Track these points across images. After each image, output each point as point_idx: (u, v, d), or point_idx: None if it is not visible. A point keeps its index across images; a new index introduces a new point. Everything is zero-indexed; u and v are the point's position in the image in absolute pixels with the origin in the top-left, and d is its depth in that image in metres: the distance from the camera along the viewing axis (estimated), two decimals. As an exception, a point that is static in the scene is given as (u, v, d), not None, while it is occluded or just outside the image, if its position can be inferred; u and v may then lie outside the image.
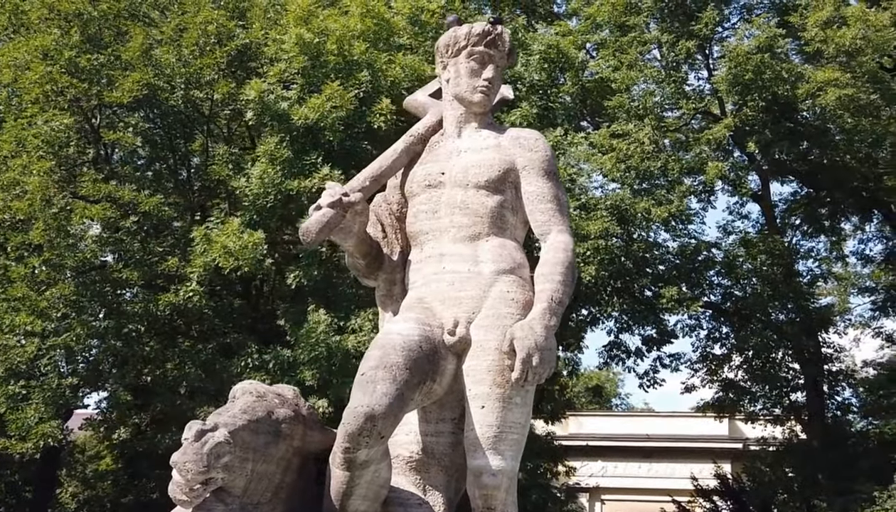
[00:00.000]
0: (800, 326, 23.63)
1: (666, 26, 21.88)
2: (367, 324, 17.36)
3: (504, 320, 6.27)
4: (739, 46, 20.44)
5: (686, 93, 22.44)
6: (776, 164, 23.57)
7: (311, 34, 18.08)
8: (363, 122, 17.95)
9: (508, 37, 7.08)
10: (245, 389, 6.24)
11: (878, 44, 19.86)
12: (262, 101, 17.90)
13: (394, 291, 6.93)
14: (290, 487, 6.18)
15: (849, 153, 22.48)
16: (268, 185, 17.71)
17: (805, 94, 20.23)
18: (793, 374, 25.69)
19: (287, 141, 17.92)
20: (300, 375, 17.24)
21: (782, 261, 23.69)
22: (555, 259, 6.43)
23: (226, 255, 17.24)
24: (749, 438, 33.55)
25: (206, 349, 19.45)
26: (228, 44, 19.17)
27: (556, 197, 6.71)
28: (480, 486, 6.10)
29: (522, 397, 6.24)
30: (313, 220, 6.30)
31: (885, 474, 21.19)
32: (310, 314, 17.70)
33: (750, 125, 21.27)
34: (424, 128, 7.14)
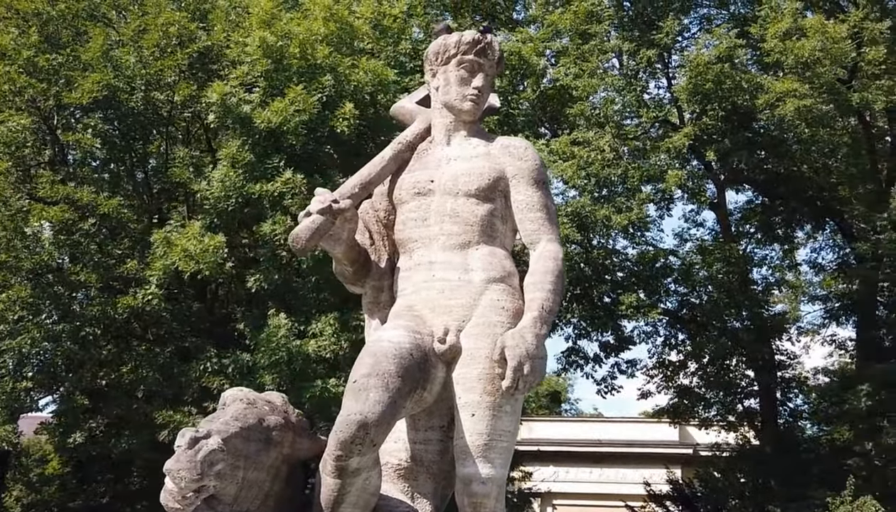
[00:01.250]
0: (754, 334, 23.88)
1: (627, 35, 22.02)
2: (327, 328, 17.35)
3: (494, 329, 6.28)
4: (700, 56, 20.64)
5: (645, 102, 22.59)
6: (733, 172, 23.81)
7: (274, 37, 18.02)
8: (326, 127, 17.92)
9: (498, 46, 7.11)
10: (235, 397, 6.21)
11: (836, 56, 20.14)
12: (224, 104, 17.80)
13: (381, 299, 6.91)
14: (279, 494, 6.16)
15: (805, 163, 22.78)
16: (229, 189, 17.63)
17: (764, 104, 20.45)
18: (747, 380, 25.95)
19: (249, 144, 17.84)
20: (260, 379, 17.15)
21: (737, 269, 23.94)
22: (545, 268, 6.46)
23: (186, 258, 17.15)
24: (699, 443, 33.85)
25: (163, 353, 19.34)
26: (190, 46, 19.05)
27: (546, 206, 6.73)
28: (470, 494, 6.10)
29: (512, 406, 6.26)
30: (303, 227, 6.29)
31: (837, 480, 21.42)
32: (270, 318, 17.65)
33: (709, 134, 21.46)
34: (412, 135, 7.13)
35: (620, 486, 35.21)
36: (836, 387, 23.47)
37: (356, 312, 17.50)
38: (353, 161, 18.50)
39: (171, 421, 17.56)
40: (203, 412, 17.81)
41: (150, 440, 18.63)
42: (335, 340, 17.27)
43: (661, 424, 31.89)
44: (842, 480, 21.22)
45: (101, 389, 19.94)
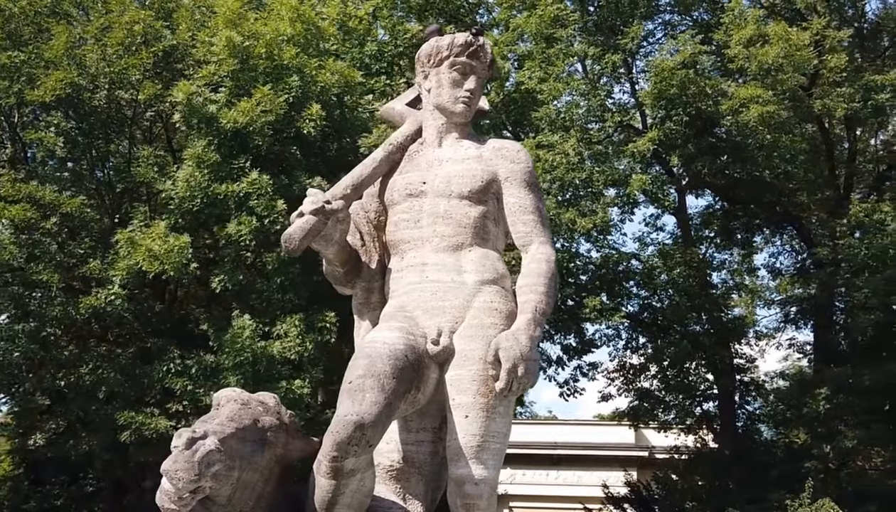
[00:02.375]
0: (715, 337, 24.10)
1: (592, 40, 22.13)
2: (292, 330, 17.31)
3: (488, 331, 6.31)
4: (664, 62, 20.79)
5: (609, 106, 22.70)
6: (695, 177, 24.01)
7: (240, 37, 17.95)
8: (292, 128, 17.89)
9: (490, 48, 7.14)
10: (229, 397, 6.18)
11: (799, 63, 20.36)
12: (190, 103, 17.70)
13: (371, 300, 6.92)
14: (271, 495, 6.13)
15: (767, 169, 23.00)
16: (194, 189, 17.54)
17: (728, 109, 20.63)
18: (706, 384, 26.16)
19: (215, 145, 17.75)
20: (224, 380, 17.08)
21: (698, 273, 24.16)
22: (538, 270, 6.50)
23: (150, 258, 17.03)
24: (655, 445, 34.07)
25: (125, 354, 19.19)
26: (155, 45, 18.90)
27: (538, 209, 6.78)
28: (463, 495, 6.12)
29: (505, 407, 6.30)
30: (296, 227, 6.27)
31: (794, 483, 21.64)
32: (234, 319, 17.58)
33: (673, 139, 21.62)
34: (403, 137, 7.13)
35: (578, 488, 35.30)
36: (794, 390, 23.71)
37: (321, 314, 17.53)
38: (319, 162, 18.59)
39: (132, 422, 17.43)
40: (166, 413, 17.74)
41: (110, 441, 18.48)
42: (300, 342, 17.24)
43: (617, 426, 32.03)
44: (799, 483, 21.43)
45: (60, 390, 19.72)
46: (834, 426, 22.71)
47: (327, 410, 21.21)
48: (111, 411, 18.15)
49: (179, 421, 17.61)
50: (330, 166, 18.43)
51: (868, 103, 21.24)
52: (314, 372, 17.54)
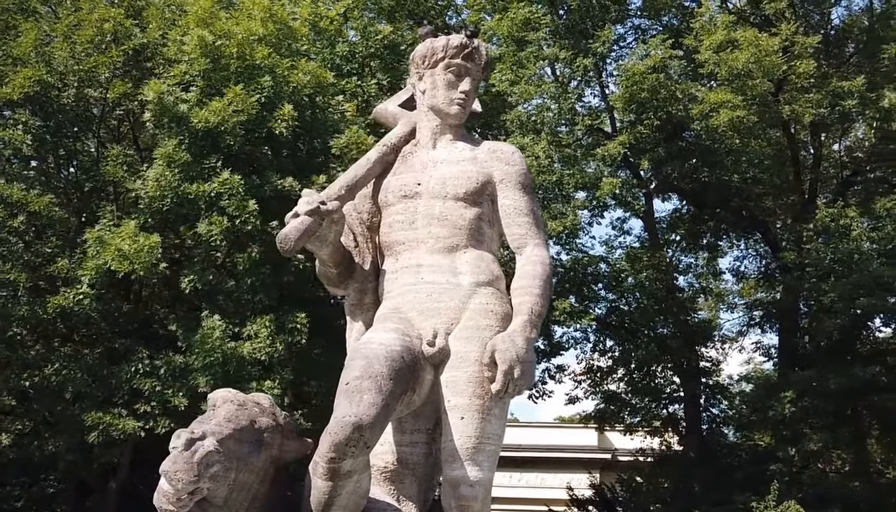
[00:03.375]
0: (682, 340, 24.26)
1: (564, 43, 22.21)
2: (263, 330, 17.23)
3: (483, 332, 6.34)
4: (635, 66, 20.90)
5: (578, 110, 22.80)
6: (663, 181, 24.16)
7: (212, 36, 17.86)
8: (264, 128, 17.81)
9: (485, 50, 7.15)
10: (225, 398, 6.15)
11: (768, 68, 20.55)
12: (161, 102, 17.58)
13: (365, 301, 6.90)
14: (265, 496, 6.12)
15: (736, 173, 23.21)
16: (164, 189, 17.42)
17: (698, 114, 20.78)
18: (672, 387, 26.33)
19: (186, 144, 17.64)
20: (193, 381, 17.02)
21: (665, 276, 24.32)
22: (533, 272, 6.53)
23: (120, 258, 16.89)
24: (618, 448, 34.25)
25: (92, 354, 19.03)
26: (126, 43, 18.76)
27: (533, 211, 6.81)
28: (458, 496, 6.14)
29: (500, 409, 6.32)
30: (292, 228, 6.25)
31: (759, 485, 21.85)
32: (204, 320, 17.49)
33: (643, 143, 21.76)
34: (397, 138, 7.14)
35: (542, 490, 35.41)
36: (760, 394, 23.91)
37: (292, 315, 17.46)
38: (290, 162, 18.52)
39: (100, 423, 17.29)
40: (134, 414, 17.60)
41: (77, 443, 18.33)
42: (270, 343, 17.16)
43: (580, 428, 32.14)
44: (764, 485, 21.66)
45: (25, 390, 19.50)
46: (799, 429, 22.93)
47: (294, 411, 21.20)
48: (78, 412, 17.99)
49: (147, 422, 17.50)
50: (300, 167, 18.37)
51: (835, 109, 21.48)
52: (284, 373, 17.46)
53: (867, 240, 21.29)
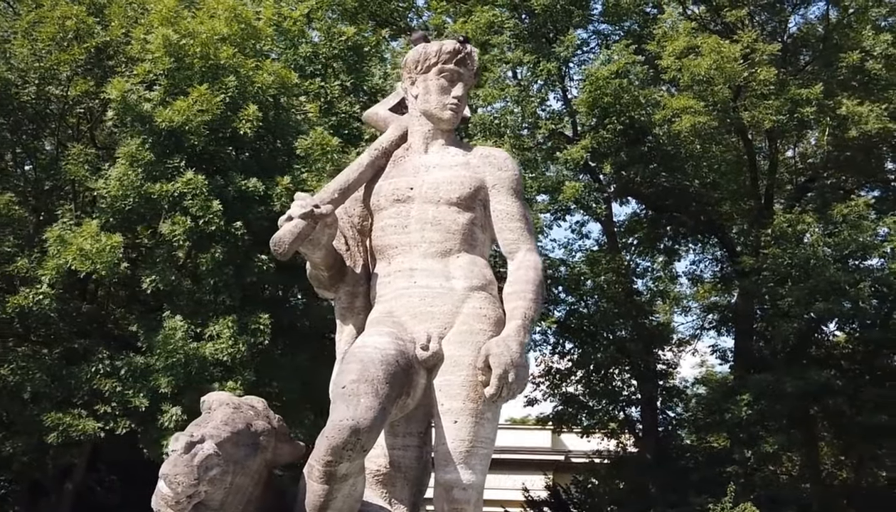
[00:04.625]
0: (641, 344, 24.45)
1: (527, 48, 22.30)
2: (225, 331, 17.16)
3: (477, 337, 6.38)
4: (599, 71, 21.03)
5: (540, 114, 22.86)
6: (624, 185, 24.32)
7: (177, 35, 17.76)
8: (229, 128, 17.74)
9: (476, 56, 7.19)
10: (221, 400, 6.13)
11: (730, 75, 20.77)
12: (124, 100, 17.45)
13: (356, 304, 6.91)
14: (259, 499, 6.11)
15: (696, 178, 23.45)
16: (127, 188, 17.29)
17: (661, 119, 20.95)
18: (629, 389, 26.52)
19: (149, 143, 17.51)
20: (155, 382, 16.92)
21: (624, 280, 24.51)
22: (526, 277, 6.58)
23: (82, 257, 16.75)
24: (571, 450, 34.42)
25: (51, 354, 18.86)
26: (88, 41, 18.59)
27: (525, 216, 6.86)
28: (451, 500, 6.18)
29: (493, 413, 6.38)
30: (286, 231, 6.25)
31: (715, 487, 22.09)
32: (166, 320, 17.38)
33: (605, 147, 21.90)
34: (388, 142, 7.15)
35: (497, 491, 35.40)
36: (717, 397, 24.15)
37: (255, 315, 17.40)
38: (254, 163, 18.46)
39: (60, 423, 17.15)
40: (94, 415, 17.47)
41: (35, 443, 18.16)
42: (233, 343, 17.09)
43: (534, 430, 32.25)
44: (719, 487, 21.90)
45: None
46: (755, 432, 23.18)
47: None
48: (36, 413, 17.81)
49: (108, 423, 17.39)
50: (264, 167, 18.31)
51: (793, 116, 21.75)
52: (246, 374, 17.39)
53: (823, 245, 21.54)
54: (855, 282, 21.55)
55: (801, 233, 22.28)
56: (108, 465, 23.60)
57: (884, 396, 22.63)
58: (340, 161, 17.94)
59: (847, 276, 21.52)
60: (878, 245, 21.92)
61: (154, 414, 17.12)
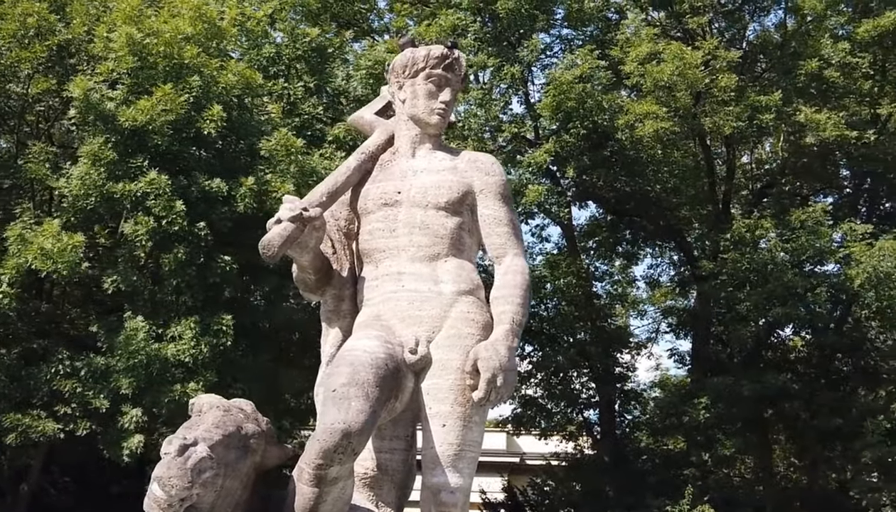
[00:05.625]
0: (601, 347, 24.60)
1: (491, 51, 22.37)
2: (187, 332, 17.06)
3: (465, 341, 6.42)
4: (563, 75, 21.14)
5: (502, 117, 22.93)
6: (585, 189, 24.46)
7: (140, 34, 17.64)
8: (192, 128, 17.65)
9: (464, 61, 7.23)
10: (211, 403, 6.14)
11: (692, 81, 20.97)
12: (87, 99, 17.30)
13: (342, 308, 6.92)
14: (247, 502, 6.13)
15: (658, 183, 23.65)
16: (89, 187, 17.15)
17: (624, 124, 21.09)
18: (588, 392, 26.66)
19: (112, 142, 17.37)
20: (115, 383, 16.78)
21: (585, 283, 24.65)
22: (513, 282, 6.63)
23: (43, 257, 16.59)
24: (526, 452, 34.54)
25: (9, 354, 18.64)
26: (50, 38, 18.40)
27: (512, 221, 6.91)
28: (439, 503, 6.22)
29: (480, 417, 6.43)
30: (275, 234, 6.26)
31: (671, 489, 22.30)
32: (126, 321, 17.26)
33: (568, 152, 22.01)
34: (375, 146, 7.18)
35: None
36: (675, 400, 24.35)
37: (217, 316, 17.32)
38: (217, 163, 18.37)
39: (19, 424, 16.98)
40: (54, 416, 17.30)
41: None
42: (195, 344, 17.00)
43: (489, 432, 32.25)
44: (676, 490, 22.11)
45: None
46: (712, 434, 23.41)
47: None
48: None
49: (67, 424, 17.23)
50: (228, 167, 18.23)
51: (753, 123, 21.99)
52: (208, 375, 17.29)
53: (781, 250, 21.79)
54: (812, 287, 21.82)
55: (760, 238, 22.51)
56: (61, 466, 23.40)
57: (838, 400, 22.95)
58: (304, 162, 17.93)
59: (804, 281, 21.78)
60: (834, 251, 22.17)
61: (114, 415, 16.99)
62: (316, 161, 18.24)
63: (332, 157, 18.69)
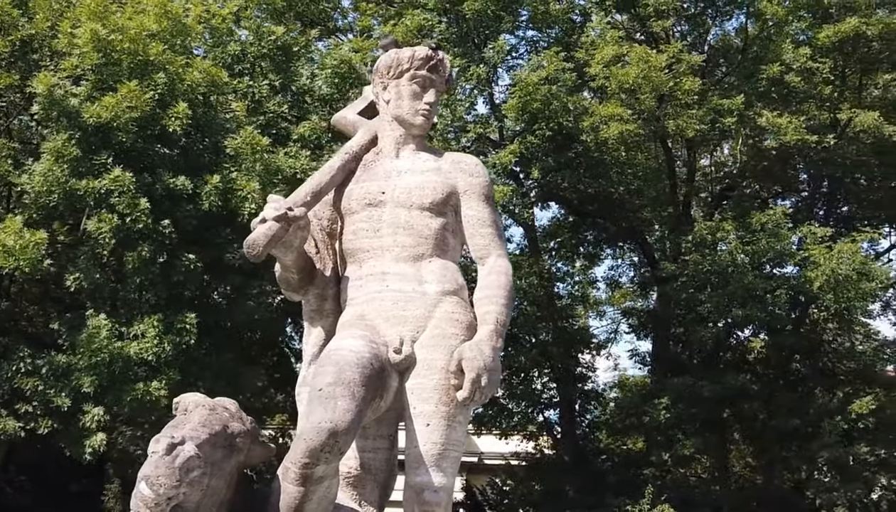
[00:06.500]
0: (563, 347, 24.69)
1: (457, 52, 22.39)
2: (150, 330, 16.95)
3: (450, 341, 6.45)
4: (529, 76, 21.21)
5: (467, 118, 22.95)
6: (548, 190, 24.52)
7: (105, 30, 17.51)
8: (157, 125, 17.54)
9: (448, 63, 7.27)
10: (196, 402, 6.13)
11: (657, 84, 21.12)
12: (51, 95, 17.15)
13: (325, 307, 6.93)
14: (230, 501, 6.12)
15: (622, 185, 23.80)
16: (52, 184, 17.01)
17: (589, 126, 21.19)
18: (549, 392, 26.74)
19: (76, 139, 17.23)
20: (77, 381, 16.65)
21: (547, 284, 24.72)
22: (497, 282, 6.69)
23: (5, 254, 16.44)
24: (485, 451, 34.58)
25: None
26: (13, 33, 18.23)
27: (495, 222, 6.97)
28: (422, 502, 6.24)
29: (464, 416, 6.48)
30: (260, 233, 6.26)
31: (631, 488, 22.44)
32: (89, 319, 17.12)
33: (533, 153, 22.09)
34: (358, 146, 7.20)
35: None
36: (636, 400, 24.49)
37: (181, 315, 17.22)
38: (182, 161, 18.27)
39: (-21, 422, 16.83)
40: (14, 414, 17.15)
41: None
42: (158, 342, 16.90)
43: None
44: (636, 489, 22.26)
45: None
46: (672, 434, 23.57)
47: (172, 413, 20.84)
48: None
49: (28, 422, 17.08)
50: (192, 165, 18.13)
51: (715, 126, 22.18)
52: (172, 374, 17.19)
53: (742, 253, 21.98)
54: (772, 289, 22.04)
55: (721, 240, 22.72)
56: (18, 465, 23.21)
57: (796, 401, 23.19)
58: (269, 161, 17.88)
59: (764, 283, 21.99)
60: (793, 253, 22.41)
61: (76, 414, 16.86)
62: (281, 160, 18.18)
63: (296, 156, 18.63)
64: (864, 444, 22.02)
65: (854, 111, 22.68)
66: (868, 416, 21.79)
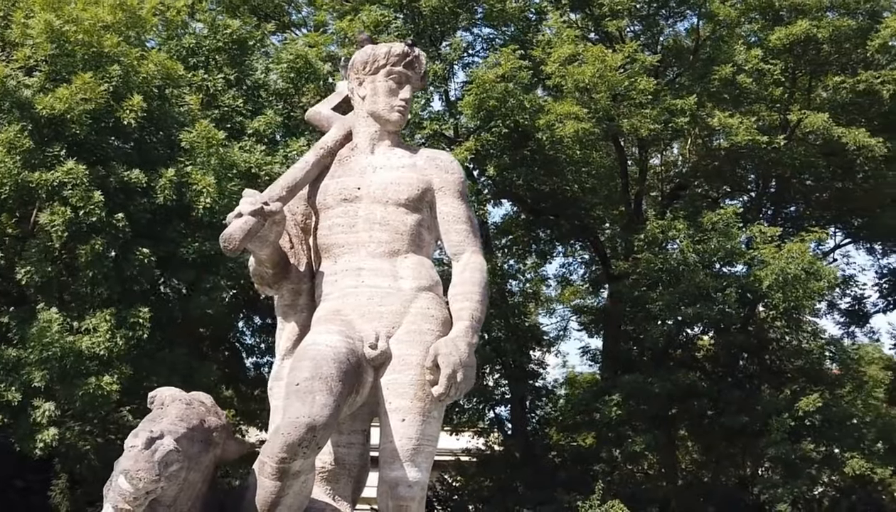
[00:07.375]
0: (515, 344, 24.77)
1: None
2: (102, 324, 16.80)
3: (425, 336, 6.49)
4: (486, 74, 21.24)
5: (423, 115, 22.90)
6: (502, 188, 24.57)
7: (59, 21, 17.31)
8: (111, 117, 17.38)
9: (424, 59, 7.28)
10: (173, 396, 6.10)
11: (612, 83, 21.24)
12: (3, 85, 16.92)
13: (299, 302, 6.93)
14: (205, 496, 6.11)
15: (577, 183, 23.90)
16: (4, 176, 16.78)
17: (544, 124, 21.25)
18: (502, 389, 26.82)
19: (28, 130, 17.01)
20: (28, 375, 16.46)
21: (500, 280, 24.78)
22: (472, 279, 6.73)
23: (-45, 246, 16.25)
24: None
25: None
26: (-34, 24, 18.01)
27: (470, 218, 7.01)
28: (396, 497, 6.28)
29: (439, 412, 6.52)
30: (236, 227, 6.24)
31: (581, 485, 22.58)
32: (40, 313, 16.93)
33: (488, 150, 22.13)
34: (333, 141, 7.20)
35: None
36: (587, 396, 24.62)
37: (133, 309, 17.07)
38: (136, 154, 18.12)
39: (-73, 419, 16.59)
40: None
41: None
42: (110, 337, 16.75)
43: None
44: (585, 485, 22.40)
45: None
46: (623, 431, 23.72)
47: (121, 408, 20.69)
48: None
49: (-21, 418, 16.89)
50: (146, 158, 17.97)
51: (668, 126, 22.34)
52: (124, 368, 17.04)
53: (692, 252, 22.17)
54: (722, 287, 22.26)
55: (673, 239, 22.90)
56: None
57: (744, 398, 23.41)
58: (224, 155, 17.77)
59: (714, 281, 22.21)
60: (743, 252, 22.63)
61: (26, 408, 16.66)
62: (236, 154, 18.07)
63: (251, 150, 18.54)
64: (809, 441, 22.24)
65: (804, 112, 22.91)
66: (814, 413, 22.00)
